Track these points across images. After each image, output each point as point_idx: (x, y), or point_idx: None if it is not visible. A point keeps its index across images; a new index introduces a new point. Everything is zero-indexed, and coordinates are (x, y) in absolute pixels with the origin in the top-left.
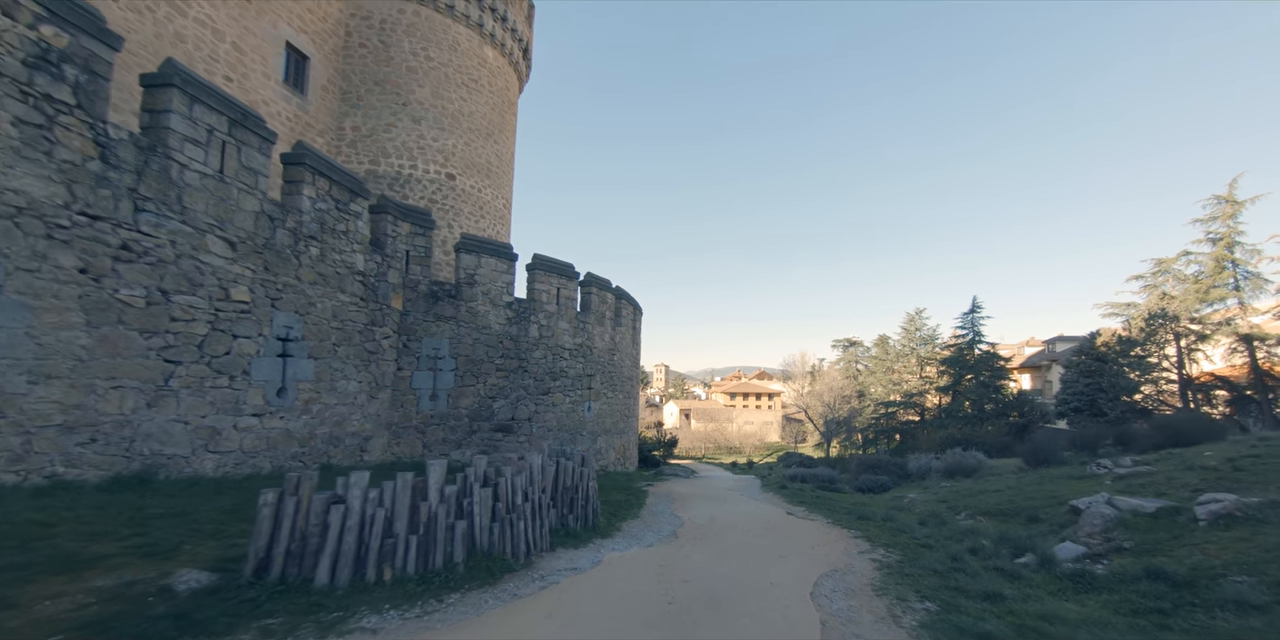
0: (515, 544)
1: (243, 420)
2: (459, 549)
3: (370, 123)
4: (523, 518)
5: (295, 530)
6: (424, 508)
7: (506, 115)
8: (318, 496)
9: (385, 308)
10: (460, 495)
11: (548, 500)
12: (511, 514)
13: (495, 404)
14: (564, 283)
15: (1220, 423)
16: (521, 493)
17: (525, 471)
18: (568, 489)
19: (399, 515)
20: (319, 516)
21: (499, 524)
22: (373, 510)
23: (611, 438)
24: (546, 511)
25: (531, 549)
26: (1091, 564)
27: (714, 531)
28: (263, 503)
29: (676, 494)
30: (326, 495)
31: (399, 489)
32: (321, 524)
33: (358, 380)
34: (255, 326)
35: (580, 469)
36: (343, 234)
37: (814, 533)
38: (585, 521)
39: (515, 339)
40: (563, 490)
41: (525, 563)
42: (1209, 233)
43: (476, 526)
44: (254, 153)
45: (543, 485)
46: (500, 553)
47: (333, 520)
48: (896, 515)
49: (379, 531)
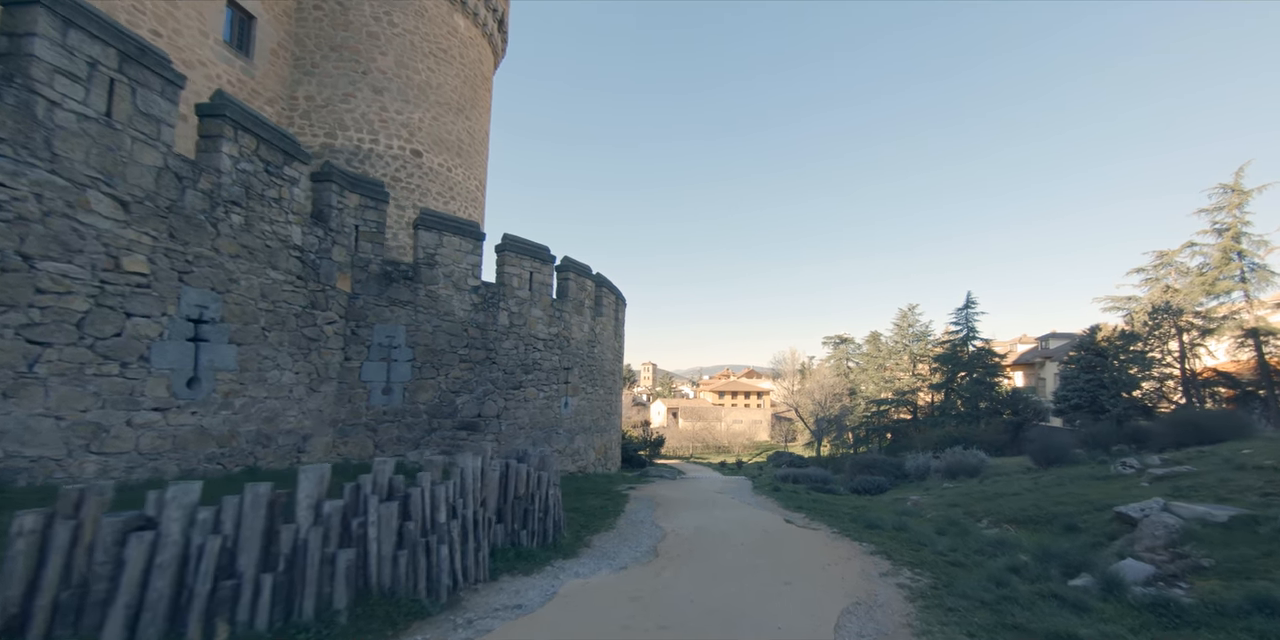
0: (434, 577)
1: (139, 415)
2: (342, 589)
3: (326, 92)
4: (446, 540)
5: (72, 571)
6: (287, 533)
7: (480, 90)
8: (110, 520)
9: (329, 289)
10: (349, 514)
11: (490, 514)
12: (429, 536)
13: (459, 399)
14: (538, 266)
15: (1244, 419)
16: (446, 507)
17: (455, 478)
18: (521, 498)
19: (245, 545)
20: (110, 551)
21: (409, 551)
22: (202, 538)
23: (591, 436)
24: (488, 529)
25: (461, 581)
26: (1167, 587)
27: (702, 546)
28: (16, 532)
29: (660, 498)
30: (125, 518)
31: (247, 506)
32: (115, 561)
33: (294, 371)
34: (157, 304)
35: (538, 473)
36: (274, 202)
37: (821, 547)
38: (544, 537)
39: (482, 327)
40: (514, 500)
41: (449, 601)
42: (1215, 223)
43: (372, 556)
44: (154, 97)
45: (481, 496)
46: (409, 590)
47: (130, 555)
48: (909, 523)
49: (208, 569)
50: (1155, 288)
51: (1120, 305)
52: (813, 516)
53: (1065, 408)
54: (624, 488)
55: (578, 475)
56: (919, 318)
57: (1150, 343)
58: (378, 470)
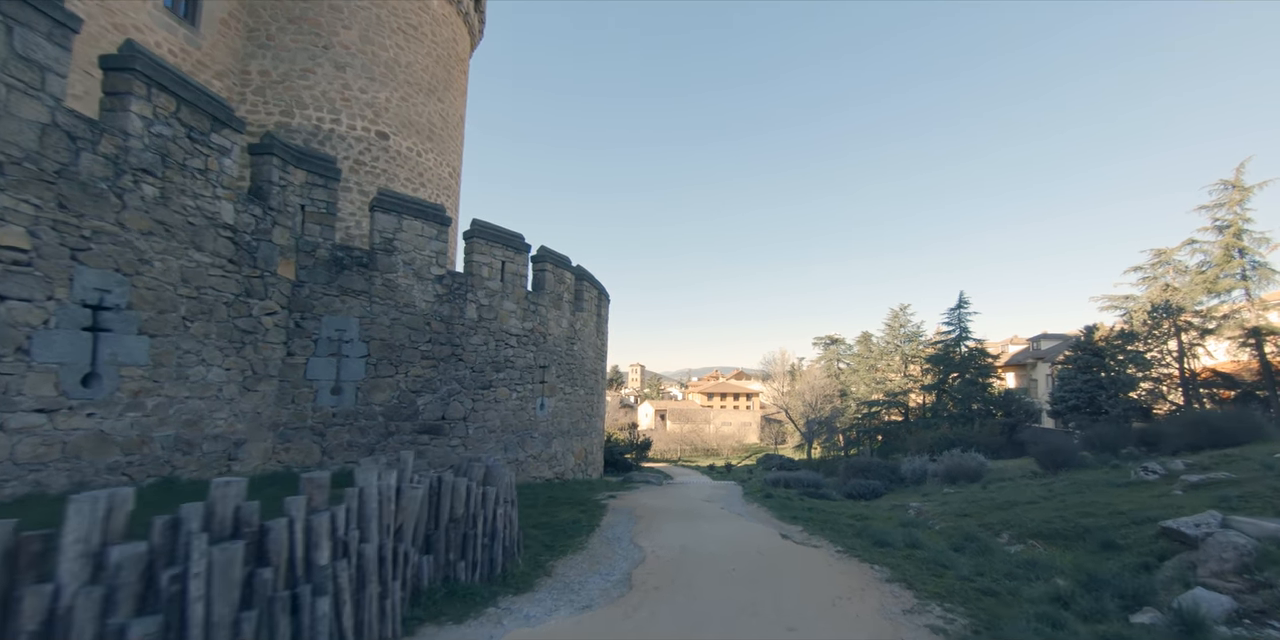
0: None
1: (16, 417)
2: None
3: (283, 67)
4: (327, 590)
5: None
6: (35, 599)
7: (454, 71)
8: None
9: (269, 276)
10: (157, 562)
11: (409, 546)
12: (300, 586)
13: (420, 399)
14: (511, 255)
15: (1259, 420)
16: (330, 543)
17: (350, 502)
18: (458, 522)
19: None
20: None
21: (259, 612)
22: None
23: (570, 440)
24: (403, 566)
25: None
26: (1257, 627)
27: (686, 572)
28: None
29: (643, 508)
30: None
31: None
32: None
33: (224, 367)
34: (42, 285)
35: (482, 489)
36: (199, 173)
37: (826, 572)
38: (490, 568)
39: (447, 320)
40: (449, 525)
41: None
42: (1216, 220)
43: (194, 624)
44: (37, 39)
45: (396, 522)
46: None
47: None
48: (921, 538)
49: None
50: (1154, 286)
51: (1118, 304)
52: (811, 530)
53: (1062, 409)
54: (604, 496)
55: (554, 482)
56: (910, 318)
57: (1150, 342)
58: (216, 495)
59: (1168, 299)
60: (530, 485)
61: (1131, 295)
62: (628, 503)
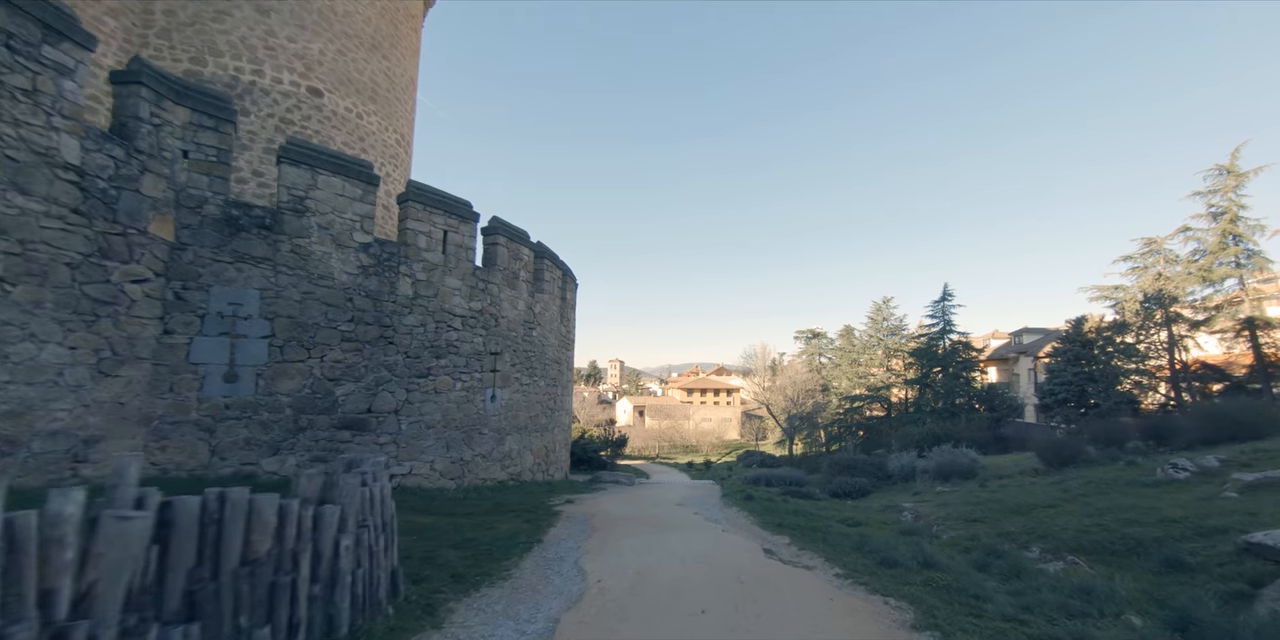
0: None
1: None
2: None
3: (194, 7)
4: None
5: None
6: None
7: (402, 27)
8: None
9: (134, 234)
10: None
11: (141, 613)
12: None
13: (340, 389)
14: (455, 224)
15: (1276, 411)
16: None
17: None
18: (262, 563)
19: None
20: None
21: None
22: None
23: (528, 437)
24: None
25: None
26: None
27: (638, 614)
28: None
29: (602, 516)
30: None
31: None
32: None
33: (68, 345)
34: None
35: (314, 512)
36: (25, 95)
37: (827, 611)
38: (326, 630)
39: (374, 297)
40: (241, 570)
41: None
42: (1210, 206)
43: None
44: None
45: (76, 580)
46: None
47: None
48: (935, 556)
49: None
50: (1145, 276)
51: (1108, 294)
52: (801, 542)
53: (1051, 402)
54: (560, 501)
55: (508, 485)
56: (894, 311)
57: (1141, 333)
58: None
59: (1160, 288)
60: (477, 489)
61: (1122, 285)
62: (586, 509)
